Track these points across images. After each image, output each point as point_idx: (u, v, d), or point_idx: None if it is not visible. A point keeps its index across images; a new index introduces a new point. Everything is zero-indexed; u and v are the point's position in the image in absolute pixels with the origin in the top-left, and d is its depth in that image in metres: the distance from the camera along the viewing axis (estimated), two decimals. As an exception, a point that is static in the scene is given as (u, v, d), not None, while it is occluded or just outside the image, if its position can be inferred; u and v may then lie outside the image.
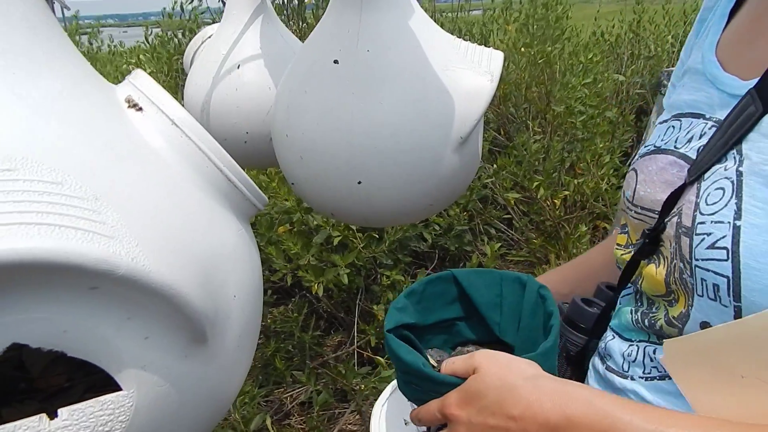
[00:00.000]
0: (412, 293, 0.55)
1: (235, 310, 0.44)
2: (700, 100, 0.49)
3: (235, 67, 1.07)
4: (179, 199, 0.41)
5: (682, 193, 0.46)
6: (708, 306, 0.42)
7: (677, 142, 0.49)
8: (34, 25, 0.40)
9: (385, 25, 0.78)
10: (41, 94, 0.38)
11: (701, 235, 0.42)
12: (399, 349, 0.47)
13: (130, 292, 0.35)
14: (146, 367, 0.38)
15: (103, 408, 0.37)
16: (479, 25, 2.75)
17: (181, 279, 0.37)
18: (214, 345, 0.42)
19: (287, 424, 1.80)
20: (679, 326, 0.46)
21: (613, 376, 0.52)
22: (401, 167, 0.79)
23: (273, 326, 2.00)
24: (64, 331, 0.34)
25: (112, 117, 0.41)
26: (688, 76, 0.53)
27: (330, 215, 0.91)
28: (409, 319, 0.52)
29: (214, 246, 0.42)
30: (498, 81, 0.82)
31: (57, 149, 0.36)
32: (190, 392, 0.41)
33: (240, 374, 0.48)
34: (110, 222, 0.34)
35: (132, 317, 0.36)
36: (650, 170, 0.50)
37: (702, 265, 0.42)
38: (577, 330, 0.60)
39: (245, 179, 0.46)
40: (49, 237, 0.31)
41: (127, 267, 0.33)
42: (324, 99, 0.79)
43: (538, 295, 0.52)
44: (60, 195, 0.34)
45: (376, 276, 1.99)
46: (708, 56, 0.50)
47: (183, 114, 0.43)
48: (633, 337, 0.52)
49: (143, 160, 0.40)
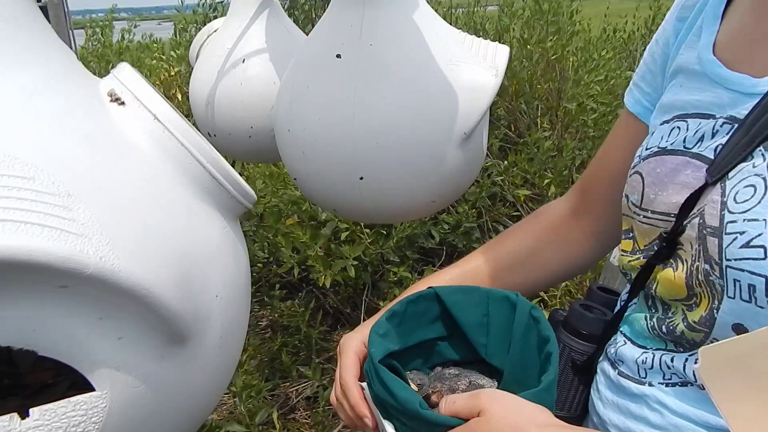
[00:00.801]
0: (393, 315, 0.51)
1: (217, 311, 0.43)
2: (707, 100, 0.48)
3: (240, 62, 1.06)
4: (158, 197, 0.40)
5: (701, 194, 0.44)
6: (741, 308, 0.41)
7: (686, 143, 0.48)
8: (18, 18, 0.39)
9: (389, 19, 0.77)
10: (19, 88, 0.37)
11: (733, 234, 0.41)
12: (393, 385, 0.42)
13: (101, 292, 0.34)
14: (120, 368, 0.37)
15: (75, 408, 0.36)
16: (494, 22, 2.72)
17: (156, 279, 0.35)
18: (193, 346, 0.41)
19: (292, 418, 1.81)
20: (705, 330, 0.44)
21: (629, 383, 0.50)
22: (403, 163, 0.77)
23: (280, 321, 2.00)
24: (33, 330, 0.33)
25: (92, 111, 0.40)
26: (683, 77, 0.52)
27: (333, 211, 0.90)
28: (394, 346, 0.49)
29: (195, 245, 0.41)
30: (503, 76, 0.80)
31: (31, 143, 0.35)
32: (167, 394, 0.40)
33: (224, 374, 0.47)
34: (81, 219, 0.33)
35: (104, 317, 0.35)
36: (658, 173, 0.49)
37: (735, 265, 0.40)
38: (578, 337, 0.58)
39: (231, 176, 0.45)
40: (14, 234, 0.30)
41: (96, 266, 0.32)
42: (326, 94, 0.78)
43: (531, 317, 0.49)
44: (31, 191, 0.33)
45: (383, 272, 1.97)
46: (706, 56, 0.49)
47: (166, 109, 0.42)
48: (648, 345, 0.50)
49: (121, 155, 0.39)
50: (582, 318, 0.57)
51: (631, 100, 0.60)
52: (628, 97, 0.61)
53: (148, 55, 3.39)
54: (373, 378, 0.44)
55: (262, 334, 2.06)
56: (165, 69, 2.73)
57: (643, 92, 0.59)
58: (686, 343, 0.47)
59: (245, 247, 0.52)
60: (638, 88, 0.60)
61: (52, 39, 0.41)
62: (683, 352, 0.47)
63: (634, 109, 0.60)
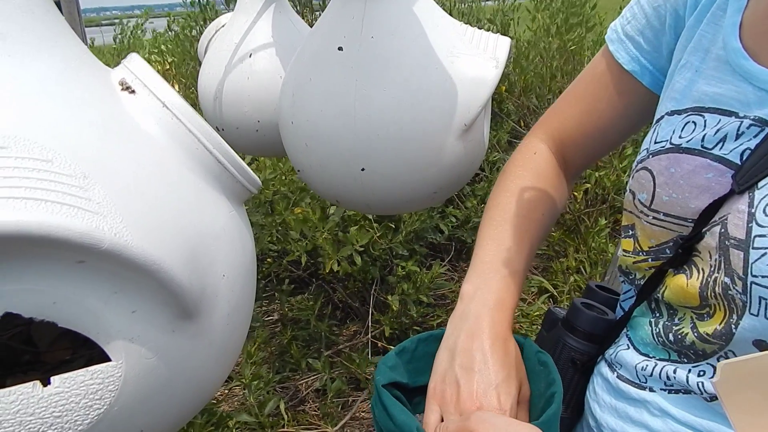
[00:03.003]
0: (403, 351, 0.51)
1: (224, 289, 0.45)
2: (728, 95, 0.44)
3: (247, 56, 1.08)
4: (168, 179, 0.42)
5: (725, 201, 0.42)
6: (764, 326, 0.39)
7: (705, 142, 0.44)
8: (33, 10, 0.42)
9: (390, 11, 0.78)
10: (36, 77, 0.40)
11: (762, 249, 0.38)
12: (393, 408, 0.43)
13: (116, 267, 0.37)
14: (134, 340, 0.39)
15: (93, 377, 0.39)
16: (501, 14, 2.72)
17: (166, 255, 0.38)
18: (201, 322, 0.43)
19: (302, 410, 1.83)
20: (720, 343, 0.42)
21: (628, 387, 0.49)
22: (404, 154, 0.79)
23: (290, 314, 2.03)
24: (54, 303, 0.36)
25: (105, 99, 0.42)
26: (700, 57, 0.47)
27: (335, 202, 0.92)
28: (401, 379, 0.49)
29: (203, 225, 0.43)
30: (503, 67, 0.81)
31: (49, 129, 0.38)
32: (178, 366, 0.42)
33: (230, 353, 0.50)
34: (96, 198, 0.36)
35: (119, 291, 0.38)
36: (672, 173, 0.45)
37: (762, 282, 0.38)
38: (577, 335, 0.56)
39: (236, 162, 0.47)
40: (36, 211, 0.33)
41: (111, 242, 0.34)
42: (328, 86, 0.80)
43: (538, 361, 0.49)
44: (49, 172, 0.35)
45: (391, 267, 1.99)
46: (731, 42, 0.44)
47: (174, 97, 0.44)
48: (650, 353, 0.48)
49: (133, 140, 0.41)
50: (582, 316, 0.55)
51: (626, 56, 0.55)
52: (622, 51, 0.55)
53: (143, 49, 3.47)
54: (375, 403, 0.46)
55: (272, 328, 2.09)
56: (158, 62, 2.79)
57: (641, 49, 0.54)
58: (693, 354, 0.45)
59: (251, 232, 0.54)
60: (635, 43, 0.54)
61: (66, 30, 0.44)
62: (687, 362, 0.45)
63: (630, 66, 0.54)
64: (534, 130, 0.65)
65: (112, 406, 0.40)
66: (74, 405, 0.39)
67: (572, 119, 0.61)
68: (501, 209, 0.57)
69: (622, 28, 0.55)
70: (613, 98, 0.56)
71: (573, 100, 0.61)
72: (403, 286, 1.86)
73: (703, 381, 0.44)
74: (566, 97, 0.62)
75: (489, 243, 0.54)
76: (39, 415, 0.38)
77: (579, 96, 0.61)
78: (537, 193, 0.58)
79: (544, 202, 0.58)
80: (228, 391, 1.89)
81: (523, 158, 0.62)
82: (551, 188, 0.60)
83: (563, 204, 0.63)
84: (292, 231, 1.71)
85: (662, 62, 0.53)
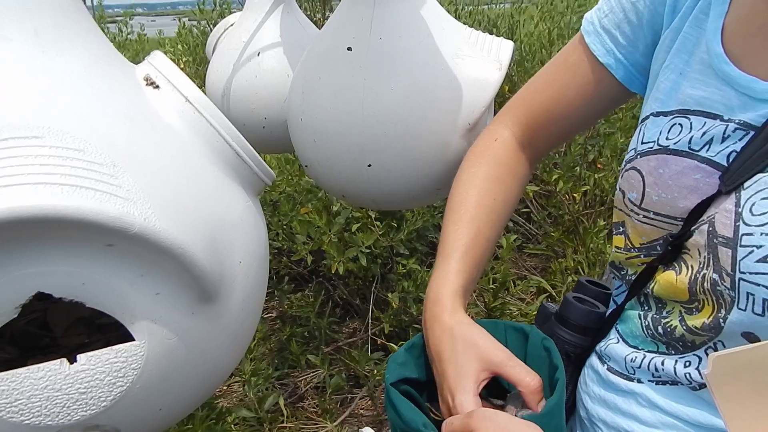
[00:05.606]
0: (413, 347, 0.52)
1: (240, 275, 0.47)
2: (712, 98, 0.45)
3: (255, 55, 1.10)
4: (190, 169, 0.44)
5: (713, 200, 0.43)
6: (752, 320, 0.40)
7: (692, 144, 0.45)
8: (64, 7, 0.44)
9: (398, 13, 0.81)
10: (68, 71, 0.42)
11: (749, 247, 0.39)
12: (401, 405, 0.45)
13: (142, 251, 0.39)
14: (157, 321, 0.41)
15: (117, 355, 0.41)
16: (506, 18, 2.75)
17: (190, 240, 0.40)
18: (219, 305, 0.45)
19: (301, 406, 1.85)
20: (709, 335, 0.43)
21: (618, 379, 0.50)
22: (410, 151, 0.81)
23: (290, 311, 2.05)
24: (83, 284, 0.38)
25: (131, 93, 0.45)
26: (684, 60, 0.48)
27: (341, 197, 0.95)
28: (411, 374, 0.50)
29: (222, 213, 0.46)
30: (506, 70, 0.84)
31: (80, 120, 0.40)
32: (196, 347, 0.45)
33: (243, 337, 0.52)
34: (126, 186, 0.38)
35: (144, 274, 0.40)
36: (661, 173, 0.46)
37: (750, 278, 0.39)
38: (570, 328, 0.57)
39: (253, 155, 0.50)
40: (71, 196, 0.35)
41: (140, 226, 0.37)
42: (337, 84, 0.82)
43: (543, 347, 0.50)
44: (82, 161, 0.38)
45: (392, 265, 2.01)
46: (714, 47, 0.45)
47: (197, 93, 0.46)
48: (639, 345, 0.50)
49: (158, 132, 0.44)
50: (574, 309, 0.56)
51: (602, 49, 0.55)
52: (597, 44, 0.55)
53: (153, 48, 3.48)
54: (386, 401, 0.47)
55: (271, 325, 2.11)
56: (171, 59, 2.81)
57: (617, 43, 0.54)
58: (681, 346, 0.46)
59: (264, 223, 0.56)
60: (611, 37, 0.54)
61: (93, 27, 0.46)
62: (675, 354, 0.47)
63: (605, 59, 0.55)
64: (500, 115, 0.65)
65: (134, 384, 0.42)
66: (99, 382, 0.41)
67: (540, 105, 0.61)
68: (454, 200, 0.60)
69: (599, 21, 0.55)
70: (583, 88, 0.57)
71: (541, 87, 0.61)
72: (403, 284, 1.88)
73: (690, 371, 0.45)
74: (534, 83, 0.63)
75: (441, 238, 0.57)
76: (65, 391, 0.40)
77: (548, 83, 0.61)
78: (490, 179, 0.60)
79: (497, 188, 0.60)
80: (227, 387, 1.91)
81: (484, 144, 0.64)
82: (507, 174, 0.61)
83: (522, 186, 0.64)
84: (298, 235, 1.73)
85: (637, 57, 0.54)
